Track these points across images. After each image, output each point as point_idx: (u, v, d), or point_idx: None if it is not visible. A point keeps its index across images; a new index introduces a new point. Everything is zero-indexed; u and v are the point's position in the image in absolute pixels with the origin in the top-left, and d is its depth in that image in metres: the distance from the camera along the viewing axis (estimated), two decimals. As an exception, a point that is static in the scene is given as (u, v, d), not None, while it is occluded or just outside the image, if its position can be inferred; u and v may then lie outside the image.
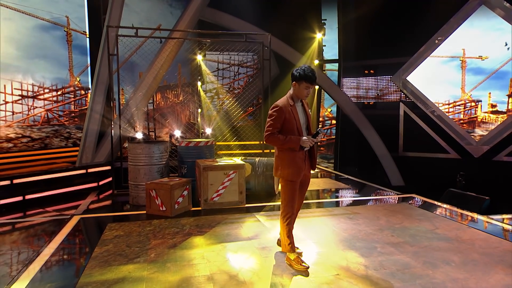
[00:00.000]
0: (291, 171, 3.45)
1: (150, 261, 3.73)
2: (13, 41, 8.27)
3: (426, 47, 10.11)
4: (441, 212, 5.60)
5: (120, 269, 3.55)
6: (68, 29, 8.88)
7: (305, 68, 3.40)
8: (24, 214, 5.82)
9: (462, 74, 9.55)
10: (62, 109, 8.80)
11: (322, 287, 3.19)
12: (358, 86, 12.07)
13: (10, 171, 7.52)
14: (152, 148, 5.85)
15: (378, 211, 5.63)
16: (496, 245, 4.17)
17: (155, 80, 8.13)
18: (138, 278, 3.36)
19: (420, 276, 3.39)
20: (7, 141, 8.04)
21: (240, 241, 4.32)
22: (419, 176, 10.00)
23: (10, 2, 8.23)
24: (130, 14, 10.39)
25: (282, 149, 3.50)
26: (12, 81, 8.13)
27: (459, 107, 9.77)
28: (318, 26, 12.12)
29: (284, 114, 3.39)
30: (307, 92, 3.46)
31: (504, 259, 3.78)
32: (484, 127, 9.27)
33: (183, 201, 5.46)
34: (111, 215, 5.55)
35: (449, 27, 9.54)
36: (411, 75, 10.54)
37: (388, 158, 10.51)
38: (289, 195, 3.51)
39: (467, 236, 4.48)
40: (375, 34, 11.07)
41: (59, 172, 6.84)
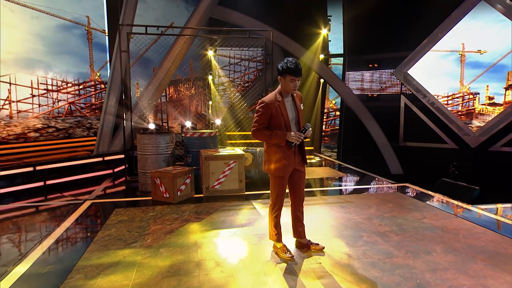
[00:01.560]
0: (278, 167, 3.23)
1: (145, 246, 3.65)
2: (41, 37, 8.28)
3: (427, 42, 9.66)
4: (431, 201, 5.33)
5: (116, 254, 3.48)
6: (89, 28, 8.81)
7: (287, 61, 3.14)
8: (45, 198, 5.82)
9: (461, 67, 9.06)
10: (83, 101, 8.79)
11: (302, 275, 3.04)
12: (361, 79, 11.72)
13: (37, 158, 7.60)
14: (159, 139, 5.75)
15: (371, 200, 5.41)
16: (480, 235, 3.92)
17: (167, 75, 8.01)
18: (131, 262, 3.28)
19: (400, 266, 3.20)
20: (34, 131, 8.11)
21: (233, 228, 4.20)
22: (418, 165, 9.70)
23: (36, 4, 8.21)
24: (147, 10, 10.26)
25: (270, 145, 3.27)
26: (38, 77, 8.16)
27: (457, 99, 9.31)
28: (323, 22, 11.74)
29: (270, 110, 3.15)
30: (293, 85, 3.16)
31: (486, 249, 3.54)
32: (481, 118, 8.81)
33: (185, 189, 5.36)
34: (120, 201, 5.49)
35: (449, 22, 9.04)
36: (412, 69, 10.13)
37: (388, 147, 10.18)
38: (277, 190, 3.31)
39: (452, 226, 4.23)
40: (378, 30, 10.73)
41: (77, 160, 6.85)
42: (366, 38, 11.14)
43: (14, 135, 7.84)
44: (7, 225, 4.60)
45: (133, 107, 7.50)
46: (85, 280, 2.98)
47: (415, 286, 2.85)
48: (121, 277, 3.02)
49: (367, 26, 10.92)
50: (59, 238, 3.97)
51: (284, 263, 3.26)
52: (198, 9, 8.94)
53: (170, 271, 3.10)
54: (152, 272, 3.09)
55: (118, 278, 2.99)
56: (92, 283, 2.93)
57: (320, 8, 11.85)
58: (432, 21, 9.46)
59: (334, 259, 3.34)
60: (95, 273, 3.09)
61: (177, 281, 2.93)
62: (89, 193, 5.93)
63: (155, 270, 3.13)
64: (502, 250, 3.53)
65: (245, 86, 13.13)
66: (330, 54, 12.70)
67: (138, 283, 2.92)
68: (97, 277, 3.02)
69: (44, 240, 3.90)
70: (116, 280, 2.97)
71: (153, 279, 2.98)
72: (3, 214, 4.95)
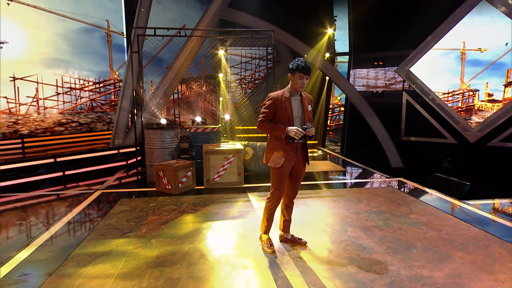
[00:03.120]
0: (278, 159, 3.03)
1: (139, 236, 3.59)
2: (66, 38, 8.34)
3: (430, 39, 9.20)
4: (422, 196, 5.05)
5: (111, 243, 3.44)
6: (108, 31, 8.81)
7: (298, 60, 3.00)
8: (63, 188, 5.88)
9: (462, 65, 8.57)
10: (104, 98, 8.85)
11: (280, 270, 2.90)
12: (365, 76, 11.37)
13: (61, 150, 7.72)
14: (164, 134, 5.69)
15: (363, 194, 5.18)
16: (463, 231, 3.66)
17: (178, 73, 7.91)
18: (122, 252, 3.23)
19: (378, 262, 3.01)
20: (59, 125, 8.23)
21: (225, 220, 4.09)
22: (418, 159, 9.37)
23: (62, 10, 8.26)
24: (165, 11, 10.19)
25: (272, 138, 3.11)
26: (63, 76, 8.24)
27: (457, 96, 8.84)
28: (329, 22, 11.36)
29: (275, 104, 3.01)
30: (301, 82, 2.99)
31: (466, 246, 3.30)
32: (480, 114, 8.34)
33: (187, 181, 5.28)
34: (127, 191, 5.44)
35: (452, 20, 8.55)
36: (414, 67, 9.71)
37: (389, 141, 9.82)
38: (276, 182, 3.10)
39: (438, 221, 3.98)
40: (382, 29, 10.42)
41: (94, 152, 6.89)
42: (371, 37, 10.82)
43: (41, 129, 7.97)
44: (22, 212, 4.64)
45: (145, 103, 7.47)
46: (76, 268, 2.95)
47: (388, 284, 2.67)
48: (109, 266, 2.96)
49: (372, 26, 10.63)
50: (63, 226, 3.96)
51: (266, 257, 3.12)
52: (208, 11, 8.77)
53: (155, 262, 3.02)
54: (139, 262, 3.02)
55: (106, 267, 2.94)
56: (81, 271, 2.89)
57: (326, 9, 11.49)
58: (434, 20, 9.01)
59: (314, 254, 3.18)
60: (87, 262, 3.04)
61: (160, 272, 2.85)
62: (102, 183, 5.95)
63: (142, 260, 3.06)
64: (482, 247, 3.28)
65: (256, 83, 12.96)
66: (336, 53, 12.32)
67: (123, 272, 2.85)
68: (88, 265, 2.98)
69: (50, 228, 3.90)
70: (104, 269, 2.92)
71: (138, 269, 2.90)
72: (21, 202, 5.02)
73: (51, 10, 8.07)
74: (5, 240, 3.68)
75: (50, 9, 8.07)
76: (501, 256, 3.09)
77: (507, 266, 2.92)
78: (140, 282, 2.70)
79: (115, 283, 2.69)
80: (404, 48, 9.98)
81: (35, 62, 7.94)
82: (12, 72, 7.67)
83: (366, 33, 10.94)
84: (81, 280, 2.75)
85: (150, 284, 2.66)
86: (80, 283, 2.71)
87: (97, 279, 2.76)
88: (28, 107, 7.84)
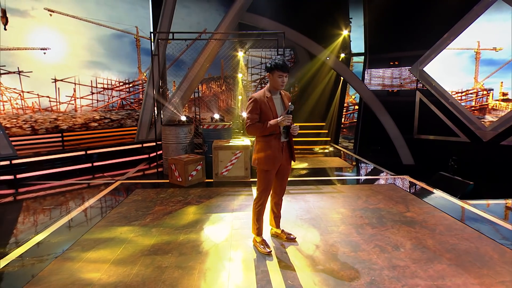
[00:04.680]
0: (266, 161, 2.86)
1: (142, 225, 3.60)
2: (101, 43, 8.62)
3: (445, 39, 8.59)
4: (422, 194, 4.71)
5: (116, 230, 3.48)
6: (137, 36, 8.98)
7: (275, 59, 2.80)
8: (91, 177, 6.06)
9: (476, 64, 7.93)
10: (133, 97, 9.06)
11: (264, 264, 2.79)
12: (380, 76, 10.87)
13: (95, 143, 7.98)
14: (178, 130, 5.70)
15: (363, 191, 4.90)
16: (457, 232, 3.36)
17: (198, 75, 7.91)
18: (123, 239, 3.25)
19: (363, 261, 2.81)
20: (94, 121, 8.53)
21: (224, 212, 4.01)
22: (430, 157, 8.84)
23: (96, 19, 8.52)
24: (190, 15, 10.25)
25: (260, 140, 2.91)
26: (97, 77, 8.52)
27: (471, 95, 8.20)
28: (345, 24, 10.92)
29: (259, 105, 2.81)
30: (281, 80, 2.79)
31: (457, 247, 3.02)
32: (494, 113, 7.69)
33: (197, 174, 5.27)
34: (143, 182, 5.49)
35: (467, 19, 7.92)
36: (428, 66, 9.12)
37: (400, 139, 9.32)
38: (264, 184, 2.93)
39: (433, 220, 3.68)
40: (397, 30, 9.96)
41: (120, 146, 7.05)
42: (386, 38, 10.35)
43: (78, 124, 8.30)
44: (50, 198, 4.83)
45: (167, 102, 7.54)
46: (80, 252, 3.00)
47: (367, 283, 2.48)
48: (109, 252, 2.99)
49: (387, 27, 10.17)
50: (81, 213, 4.07)
51: (253, 251, 3.02)
52: (227, 16, 8.69)
53: (150, 250, 3.01)
54: (135, 249, 3.03)
55: (105, 253, 2.97)
56: (83, 255, 2.93)
57: (342, 12, 11.05)
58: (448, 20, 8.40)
59: (301, 250, 3.04)
60: (91, 247, 3.09)
61: (151, 260, 2.84)
62: (124, 174, 6.08)
63: (138, 248, 3.06)
64: (473, 249, 2.98)
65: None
66: (352, 53, 11.84)
67: (119, 258, 2.87)
68: (90, 250, 3.03)
69: (69, 214, 4.02)
70: (103, 254, 2.95)
71: (133, 256, 2.91)
72: (52, 190, 5.22)
73: (87, 19, 8.34)
74: (29, 223, 3.83)
75: (86, 18, 8.33)
76: (491, 260, 2.80)
77: (495, 270, 2.63)
78: (131, 268, 2.70)
79: (109, 268, 2.70)
80: (418, 48, 9.43)
81: (73, 65, 8.26)
82: (53, 74, 8.03)
83: (381, 34, 10.46)
84: (81, 263, 2.79)
85: (140, 271, 2.65)
86: (79, 266, 2.75)
87: (95, 263, 2.79)
88: (67, 105, 8.18)
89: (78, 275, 2.63)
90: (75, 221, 3.81)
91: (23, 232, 3.56)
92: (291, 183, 5.36)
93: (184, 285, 2.46)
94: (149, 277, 2.56)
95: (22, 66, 7.63)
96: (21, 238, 3.36)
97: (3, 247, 3.15)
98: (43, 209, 4.27)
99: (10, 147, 6.00)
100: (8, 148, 5.98)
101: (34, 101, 7.79)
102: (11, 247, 3.14)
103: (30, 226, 3.73)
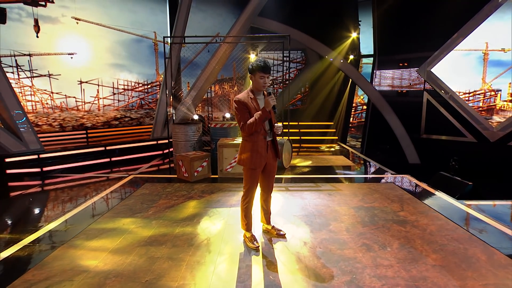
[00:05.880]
0: (252, 159, 2.80)
1: (144, 217, 3.65)
2: (123, 45, 8.82)
3: (454, 39, 8.18)
4: (419, 194, 4.50)
5: (119, 221, 3.54)
6: (155, 41, 9.12)
7: (257, 60, 2.73)
8: (108, 171, 6.21)
9: (484, 65, 7.49)
10: (151, 98, 9.23)
11: (250, 259, 2.75)
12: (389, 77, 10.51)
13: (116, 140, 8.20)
14: (186, 128, 5.74)
15: (361, 189, 4.75)
16: (448, 232, 3.18)
17: (210, 76, 7.94)
18: (124, 230, 3.30)
19: (347, 259, 2.71)
20: (115, 120, 8.76)
21: (222, 207, 3.99)
22: (436, 156, 8.48)
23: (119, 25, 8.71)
24: (206, 18, 10.27)
25: (246, 139, 2.83)
26: (118, 79, 8.73)
27: (478, 96, 7.77)
28: (354, 26, 10.62)
29: (245, 106, 2.73)
30: (263, 81, 2.70)
31: (445, 248, 2.86)
32: (502, 114, 7.24)
33: (202, 170, 5.29)
34: (153, 177, 5.55)
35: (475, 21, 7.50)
36: (435, 67, 8.73)
37: (406, 138, 9.00)
38: (249, 182, 2.89)
39: (426, 220, 3.51)
40: (405, 32, 9.64)
41: (136, 143, 7.19)
42: (394, 40, 10.01)
43: (101, 123, 8.54)
44: (69, 190, 4.99)
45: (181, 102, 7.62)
46: (84, 240, 3.07)
47: (347, 281, 2.39)
48: (109, 241, 3.04)
49: (395, 29, 9.83)
50: (92, 204, 4.17)
51: (242, 246, 2.98)
52: (239, 20, 8.65)
53: (146, 241, 3.04)
54: (133, 240, 3.07)
55: (106, 242, 3.02)
56: (86, 244, 3.00)
57: (352, 15, 10.74)
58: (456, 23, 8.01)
59: (289, 246, 2.97)
60: (94, 236, 3.16)
61: (145, 250, 2.86)
62: (138, 169, 6.19)
63: (136, 238, 3.10)
64: (461, 250, 2.81)
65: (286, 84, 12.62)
66: (361, 55, 11.51)
67: (118, 247, 2.91)
68: (94, 239, 3.09)
69: (81, 204, 4.13)
70: (104, 243, 3.00)
71: (130, 246, 2.95)
72: (71, 182, 5.40)
73: (110, 25, 8.54)
74: (46, 212, 3.97)
75: (109, 24, 8.54)
76: (478, 261, 2.63)
77: (480, 272, 2.47)
78: (126, 258, 2.73)
79: (106, 257, 2.75)
80: (427, 50, 9.08)
81: (96, 68, 8.49)
82: (79, 77, 8.30)
83: (390, 36, 10.12)
84: (83, 251, 2.86)
85: (133, 261, 2.68)
86: (80, 254, 2.82)
87: (95, 251, 2.85)
88: (91, 105, 8.44)
89: (78, 262, 2.69)
90: (85, 212, 3.91)
91: (39, 220, 3.69)
92: (292, 180, 5.28)
93: (171, 275, 2.46)
94: (141, 267, 2.58)
95: (51, 70, 7.93)
96: (36, 225, 3.48)
97: (19, 233, 3.28)
98: (60, 200, 4.42)
99: (38, 143, 6.26)
100: (36, 143, 6.24)
101: (62, 101, 8.09)
102: (26, 233, 3.26)
103: (46, 215, 3.87)
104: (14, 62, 7.50)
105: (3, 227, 3.49)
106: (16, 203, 4.38)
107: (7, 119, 6.08)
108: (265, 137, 2.80)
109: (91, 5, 8.31)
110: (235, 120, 7.47)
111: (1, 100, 5.95)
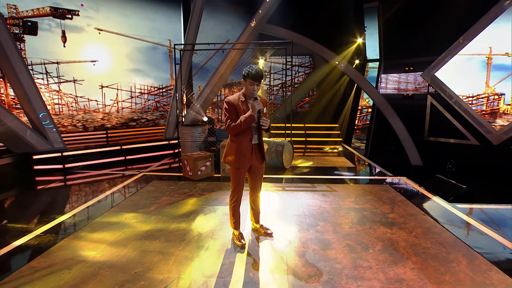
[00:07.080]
0: (237, 159, 2.80)
1: (145, 213, 3.72)
2: (141, 51, 9.04)
3: (455, 46, 7.85)
4: (412, 196, 4.33)
5: (122, 216, 3.62)
6: (170, 48, 9.28)
7: (250, 67, 2.69)
8: (122, 169, 6.38)
9: (488, 70, 7.12)
10: (166, 100, 9.40)
11: (233, 256, 2.75)
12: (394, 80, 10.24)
13: (133, 139, 8.41)
14: (193, 130, 5.81)
15: (355, 191, 4.64)
16: (434, 235, 3.06)
17: (219, 81, 7.98)
18: (125, 224, 3.38)
19: (328, 259, 2.67)
20: (132, 121, 8.99)
21: (219, 205, 4.00)
22: (439, 158, 8.18)
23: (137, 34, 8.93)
24: (219, 24, 10.35)
25: (232, 140, 2.84)
26: (135, 83, 8.95)
27: (482, 99, 7.39)
28: (359, 32, 10.39)
29: (234, 107, 2.72)
30: (252, 88, 2.67)
31: (427, 251, 2.76)
32: (505, 118, 6.86)
33: (205, 169, 5.34)
34: (161, 175, 5.63)
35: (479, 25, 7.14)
36: (439, 71, 8.40)
37: (409, 140, 8.72)
38: (235, 181, 2.86)
39: (413, 223, 3.38)
40: (410, 37, 9.38)
41: (150, 142, 7.34)
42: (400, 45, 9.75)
43: (119, 123, 8.79)
44: (84, 186, 5.15)
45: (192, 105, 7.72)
46: (88, 232, 3.18)
47: (324, 281, 2.35)
48: (110, 234, 3.13)
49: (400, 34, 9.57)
50: (102, 198, 4.30)
51: (230, 243, 2.98)
52: (247, 27, 8.66)
53: (143, 235, 3.11)
54: (131, 234, 3.14)
55: (107, 235, 3.11)
56: (90, 235, 3.11)
57: (357, 20, 10.52)
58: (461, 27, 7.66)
59: (273, 245, 2.94)
60: (98, 229, 3.26)
61: (140, 243, 2.93)
62: (148, 167, 6.32)
63: (134, 232, 3.17)
64: (443, 254, 2.70)
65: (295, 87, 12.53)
66: (367, 59, 11.24)
67: (116, 240, 2.99)
68: (97, 232, 3.19)
69: (93, 199, 4.27)
70: (105, 235, 3.10)
71: (127, 239, 3.02)
72: (87, 178, 5.58)
73: (129, 35, 8.77)
74: (59, 206, 4.14)
75: (128, 34, 8.77)
76: (458, 266, 2.51)
77: (457, 276, 2.36)
78: (121, 250, 2.80)
79: (104, 248, 2.83)
80: (432, 54, 8.77)
81: (116, 74, 8.75)
82: (100, 81, 8.57)
83: (395, 41, 9.86)
84: (85, 242, 2.96)
85: (127, 253, 2.75)
86: (82, 245, 2.92)
87: (95, 243, 2.94)
88: (111, 107, 8.70)
89: (79, 252, 2.79)
90: (94, 206, 4.03)
91: (53, 212, 3.85)
92: (290, 180, 5.23)
93: (158, 268, 2.51)
94: (133, 259, 2.65)
95: (76, 76, 8.23)
96: (50, 217, 3.63)
97: (34, 224, 3.43)
98: (74, 194, 4.59)
99: (61, 142, 6.52)
100: (60, 142, 6.50)
101: (85, 104, 8.38)
102: (40, 224, 3.41)
103: (60, 207, 4.02)
104: (44, 70, 7.85)
105: (23, 218, 3.66)
106: (39, 196, 4.58)
107: (35, 120, 6.38)
108: (251, 140, 2.79)
109: (113, 14, 8.56)
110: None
111: (30, 103, 6.24)
